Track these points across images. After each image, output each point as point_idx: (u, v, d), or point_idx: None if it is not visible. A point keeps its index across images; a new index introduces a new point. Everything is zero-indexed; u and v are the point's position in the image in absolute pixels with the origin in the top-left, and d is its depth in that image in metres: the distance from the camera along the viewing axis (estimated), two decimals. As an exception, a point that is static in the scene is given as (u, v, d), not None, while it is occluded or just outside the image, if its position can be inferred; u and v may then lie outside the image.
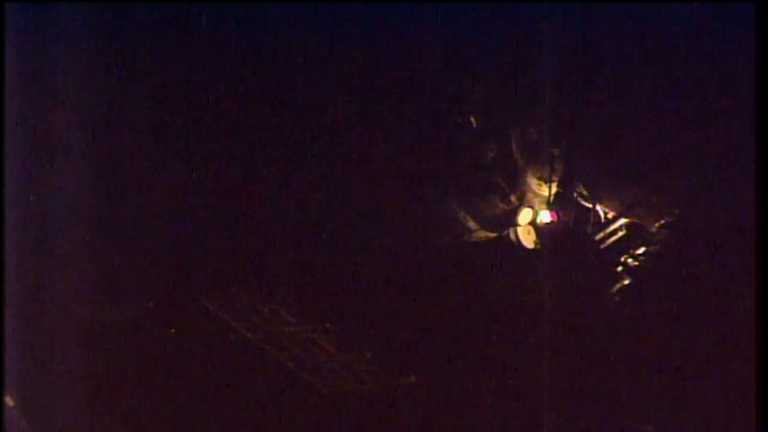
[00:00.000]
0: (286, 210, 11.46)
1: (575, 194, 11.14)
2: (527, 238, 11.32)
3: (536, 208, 11.31)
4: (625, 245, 11.19)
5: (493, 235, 11.51)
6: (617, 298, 11.15)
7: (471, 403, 11.33)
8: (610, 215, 11.18)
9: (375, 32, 10.99)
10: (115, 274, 11.53)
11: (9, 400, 11.06)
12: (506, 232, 11.38)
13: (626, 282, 11.18)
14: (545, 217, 11.26)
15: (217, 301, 11.79)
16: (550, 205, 11.19)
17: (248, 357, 11.83)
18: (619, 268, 11.17)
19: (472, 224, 11.43)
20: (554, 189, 11.14)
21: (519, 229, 11.33)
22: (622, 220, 11.18)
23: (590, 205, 11.15)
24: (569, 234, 11.19)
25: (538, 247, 11.32)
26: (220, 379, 11.58)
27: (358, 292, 11.47)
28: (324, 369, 11.87)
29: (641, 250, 11.16)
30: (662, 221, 11.07)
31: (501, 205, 11.35)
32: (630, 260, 11.16)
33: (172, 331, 11.68)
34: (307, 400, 11.78)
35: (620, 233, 11.20)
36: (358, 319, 11.62)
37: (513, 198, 11.31)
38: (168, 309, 11.74)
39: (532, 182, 11.23)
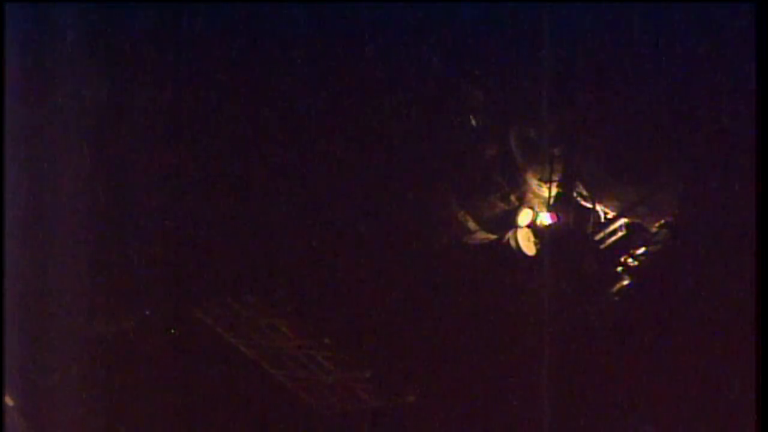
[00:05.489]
0: (284, 217, 11.44)
1: (575, 194, 11.14)
2: (527, 245, 11.31)
3: (536, 209, 11.30)
4: (625, 245, 11.19)
5: (493, 236, 11.49)
6: (617, 298, 11.15)
7: (471, 422, 11.31)
8: (610, 215, 11.19)
9: (374, 32, 10.99)
10: (112, 280, 11.51)
11: (9, 400, 11.05)
12: (506, 238, 11.37)
13: (626, 282, 11.18)
14: (545, 218, 11.25)
15: (214, 315, 11.74)
16: (550, 206, 11.19)
17: (245, 375, 11.79)
18: (619, 268, 11.18)
19: (471, 225, 11.42)
20: (554, 189, 11.13)
21: (519, 235, 11.31)
22: (622, 220, 11.19)
23: (590, 206, 11.16)
24: (569, 236, 11.19)
25: (539, 250, 11.31)
26: (216, 398, 11.55)
27: (357, 304, 11.44)
28: (323, 388, 11.84)
29: (641, 250, 11.17)
30: (662, 221, 11.08)
31: (501, 205, 11.35)
32: (630, 260, 11.17)
33: (172, 331, 11.66)
34: (306, 420, 11.76)
35: (620, 233, 11.21)
36: (358, 332, 11.60)
37: (513, 198, 11.32)
38: (165, 318, 11.70)
39: (532, 182, 11.23)
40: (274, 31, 11.13)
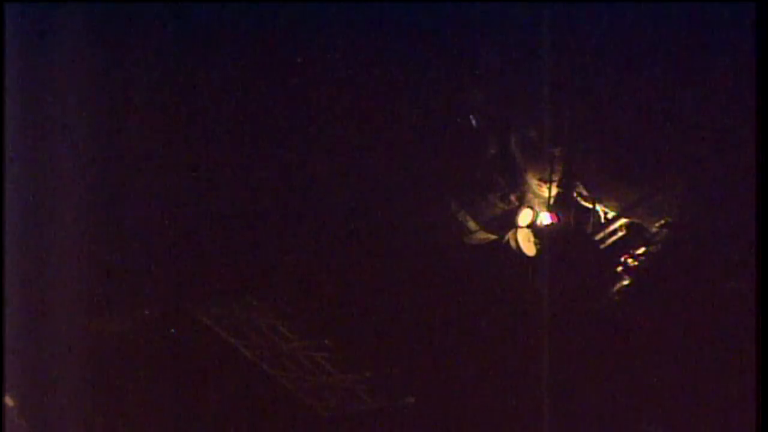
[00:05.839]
0: (284, 218, 11.43)
1: (575, 195, 11.14)
2: (527, 246, 11.30)
3: (536, 209, 11.30)
4: (625, 245, 11.20)
5: (493, 237, 11.48)
6: (617, 298, 11.16)
7: (471, 423, 11.30)
8: (610, 215, 11.20)
9: (374, 32, 10.99)
10: (112, 280, 11.51)
11: (9, 400, 11.06)
12: (506, 238, 11.36)
13: (626, 282, 11.18)
14: (545, 218, 11.25)
15: (214, 316, 11.72)
16: (550, 206, 11.19)
17: (245, 376, 11.78)
18: (619, 268, 11.18)
19: (472, 225, 11.42)
20: (554, 189, 11.13)
21: (519, 236, 11.30)
22: (622, 220, 11.19)
23: (590, 206, 11.16)
24: (569, 236, 11.19)
25: (539, 250, 11.30)
26: (215, 398, 11.53)
27: (356, 305, 11.43)
28: (323, 390, 11.82)
29: (641, 250, 11.17)
30: (662, 221, 11.08)
31: (501, 205, 11.35)
32: (630, 260, 11.17)
33: (171, 331, 11.66)
34: (305, 421, 11.75)
35: (620, 233, 11.22)
36: (357, 333, 11.59)
37: (513, 198, 11.31)
38: (165, 318, 11.69)
39: (533, 183, 11.23)
40: (274, 30, 11.13)
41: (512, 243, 11.34)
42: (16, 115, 10.63)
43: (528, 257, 11.30)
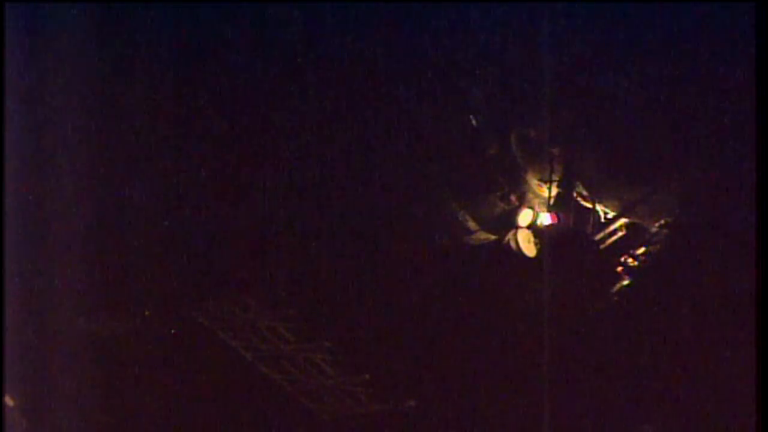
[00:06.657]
0: (285, 219, 11.43)
1: (575, 194, 11.14)
2: (527, 246, 11.30)
3: (536, 209, 11.30)
4: (625, 245, 11.20)
5: (493, 237, 11.48)
6: (617, 298, 11.15)
7: (472, 424, 11.31)
8: (610, 215, 11.20)
9: (375, 32, 11.00)
10: (113, 281, 11.52)
11: (9, 400, 11.07)
12: (506, 239, 11.36)
13: (626, 282, 11.18)
14: (545, 219, 11.25)
15: (213, 317, 11.72)
16: (550, 206, 11.19)
17: (244, 377, 11.78)
18: (619, 268, 11.18)
19: (471, 225, 11.41)
20: (554, 190, 11.13)
21: (519, 236, 11.30)
22: (622, 220, 11.19)
23: (590, 206, 11.16)
24: (569, 236, 11.19)
25: (539, 251, 11.29)
26: (215, 400, 11.54)
27: (357, 306, 11.42)
28: (323, 392, 11.82)
29: (641, 250, 11.17)
30: (662, 221, 11.08)
31: (501, 205, 11.34)
32: (630, 260, 11.17)
33: (172, 331, 11.66)
34: (305, 424, 11.75)
35: (620, 233, 11.22)
36: (358, 335, 11.58)
37: (513, 198, 11.31)
38: (164, 319, 11.69)
39: (533, 183, 11.23)
40: (275, 31, 11.14)
41: (512, 244, 11.33)
42: (16, 115, 10.65)
43: (528, 258, 11.29)
